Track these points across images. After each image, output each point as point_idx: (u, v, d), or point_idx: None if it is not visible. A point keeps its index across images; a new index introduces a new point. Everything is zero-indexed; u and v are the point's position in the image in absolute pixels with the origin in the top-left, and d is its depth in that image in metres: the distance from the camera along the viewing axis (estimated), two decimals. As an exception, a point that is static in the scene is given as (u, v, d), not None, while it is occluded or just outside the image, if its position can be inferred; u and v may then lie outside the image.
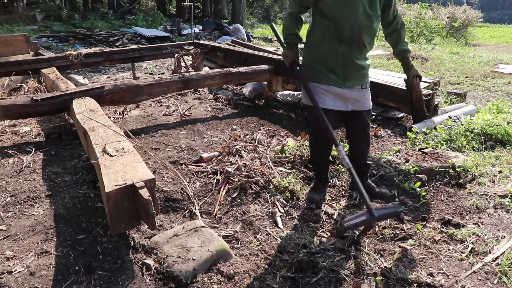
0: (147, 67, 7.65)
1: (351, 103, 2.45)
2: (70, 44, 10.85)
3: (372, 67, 7.17)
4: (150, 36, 12.11)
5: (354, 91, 2.44)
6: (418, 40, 14.27)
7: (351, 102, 2.45)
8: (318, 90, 2.41)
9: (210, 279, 1.76)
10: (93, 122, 2.69)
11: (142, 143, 3.38)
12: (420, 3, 15.31)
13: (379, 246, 2.06)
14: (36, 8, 17.70)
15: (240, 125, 3.96)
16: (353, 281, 1.82)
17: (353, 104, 2.45)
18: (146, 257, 1.92)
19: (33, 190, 2.61)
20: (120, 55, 5.83)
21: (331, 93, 2.42)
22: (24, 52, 6.06)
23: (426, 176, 2.73)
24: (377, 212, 1.98)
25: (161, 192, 2.53)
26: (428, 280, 1.80)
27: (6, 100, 3.32)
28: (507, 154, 3.13)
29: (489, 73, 7.03)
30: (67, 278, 1.78)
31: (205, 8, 25.15)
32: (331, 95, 2.42)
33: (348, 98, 2.43)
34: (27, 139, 3.58)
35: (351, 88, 2.43)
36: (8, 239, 2.08)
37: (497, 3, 68.28)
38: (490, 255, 1.96)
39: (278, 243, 2.07)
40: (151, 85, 3.91)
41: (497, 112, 3.91)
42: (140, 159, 2.08)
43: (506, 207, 2.38)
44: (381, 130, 3.80)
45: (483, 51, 11.64)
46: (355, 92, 2.44)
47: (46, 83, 4.47)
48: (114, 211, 1.82)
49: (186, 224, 2.11)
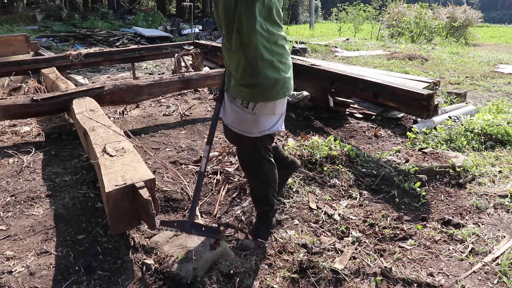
0: (147, 67, 7.65)
1: (227, 114, 1.97)
2: (70, 44, 10.85)
3: (372, 67, 7.16)
4: (150, 36, 12.12)
5: (234, 103, 1.92)
6: (418, 40, 14.27)
7: (227, 114, 1.97)
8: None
9: (210, 279, 1.76)
10: (93, 122, 2.69)
11: (142, 143, 3.38)
12: (420, 3, 15.30)
13: (379, 246, 2.06)
14: (36, 8, 17.71)
15: (240, 125, 3.96)
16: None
17: (226, 117, 1.98)
18: (146, 257, 1.92)
19: (33, 190, 2.61)
20: (120, 55, 5.82)
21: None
22: (24, 52, 6.07)
23: (426, 176, 2.73)
24: (195, 227, 1.90)
25: (161, 192, 2.53)
26: (428, 280, 1.80)
27: (6, 100, 3.32)
28: (507, 154, 3.13)
29: (489, 73, 7.03)
30: (67, 278, 1.78)
31: (205, 8, 25.16)
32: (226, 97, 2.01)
33: (226, 107, 1.98)
34: (27, 139, 3.58)
35: (232, 98, 1.93)
36: (8, 239, 2.08)
37: (497, 3, 68.27)
38: (490, 255, 1.96)
39: (278, 243, 2.07)
40: (151, 85, 3.91)
41: (497, 112, 3.91)
42: (140, 159, 2.08)
43: (506, 207, 2.38)
44: (381, 130, 3.80)
45: (483, 51, 11.63)
46: (234, 104, 1.92)
47: (46, 83, 4.47)
48: (114, 211, 1.82)
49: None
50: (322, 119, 4.19)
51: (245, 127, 1.90)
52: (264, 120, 1.90)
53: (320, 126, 4.01)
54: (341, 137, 3.56)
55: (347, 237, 2.15)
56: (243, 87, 1.84)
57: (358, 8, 18.13)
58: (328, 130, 3.89)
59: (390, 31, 15.76)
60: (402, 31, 15.01)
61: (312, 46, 9.98)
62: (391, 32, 15.69)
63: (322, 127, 4.00)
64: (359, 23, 18.27)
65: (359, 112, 4.35)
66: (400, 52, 9.43)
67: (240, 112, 1.89)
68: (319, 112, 4.36)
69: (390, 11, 16.14)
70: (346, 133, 3.82)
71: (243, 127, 1.91)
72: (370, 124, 4.02)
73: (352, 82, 3.80)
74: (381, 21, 16.94)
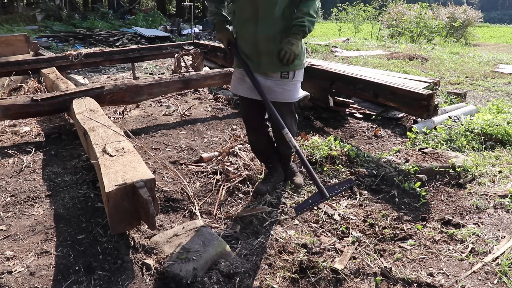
0: (147, 67, 7.65)
1: (266, 92, 2.23)
2: (70, 44, 10.86)
3: (372, 67, 7.16)
4: (150, 36, 12.12)
5: (270, 79, 2.24)
6: (418, 40, 14.27)
7: (266, 91, 2.23)
8: (235, 76, 2.31)
9: (210, 279, 1.76)
10: (93, 122, 2.69)
11: (142, 143, 3.38)
12: (420, 3, 15.30)
13: (379, 246, 2.06)
14: (36, 8, 17.72)
15: (240, 125, 3.96)
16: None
17: (268, 93, 2.23)
18: (146, 257, 1.92)
19: (33, 190, 2.61)
20: (120, 55, 5.82)
21: (245, 80, 2.26)
22: (24, 52, 6.07)
23: (426, 176, 2.73)
24: (329, 190, 2.01)
25: (161, 192, 2.53)
26: (428, 280, 1.80)
27: (6, 100, 3.32)
28: (507, 154, 3.13)
29: (489, 73, 7.03)
30: (67, 278, 1.78)
31: (205, 8, 25.16)
32: (245, 82, 2.27)
33: (262, 86, 2.23)
34: (27, 139, 3.58)
35: (266, 75, 2.24)
36: (8, 239, 2.08)
37: (497, 3, 68.26)
38: (490, 255, 1.96)
39: (279, 243, 2.07)
40: (151, 85, 3.91)
41: (497, 112, 3.91)
42: (140, 159, 2.08)
43: (506, 207, 2.38)
44: (381, 130, 3.80)
45: (483, 51, 11.64)
46: (270, 81, 2.24)
47: (46, 83, 4.47)
48: (114, 211, 1.82)
49: (186, 224, 2.11)
50: (322, 119, 4.19)
51: (288, 95, 2.28)
52: (299, 85, 2.36)
53: (320, 126, 4.01)
54: (341, 137, 3.56)
55: (347, 237, 2.15)
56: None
57: (358, 8, 18.13)
58: (328, 130, 3.89)
59: (390, 31, 15.77)
60: (402, 31, 15.01)
61: (312, 46, 9.98)
62: (391, 32, 15.69)
63: (322, 127, 4.00)
64: (359, 23, 18.27)
65: (359, 112, 4.35)
66: (400, 52, 9.43)
67: (281, 83, 2.24)
68: (319, 112, 4.36)
69: (390, 11, 16.14)
70: (346, 133, 3.82)
71: (286, 96, 2.28)
72: (370, 124, 4.02)
73: (352, 82, 3.80)
74: (381, 21, 16.94)
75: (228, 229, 2.22)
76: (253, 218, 2.30)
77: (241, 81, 2.34)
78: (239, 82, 2.34)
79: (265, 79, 2.24)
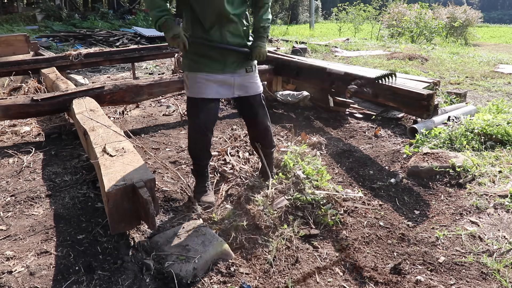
0: (147, 67, 7.65)
1: (236, 89, 2.36)
2: (70, 44, 10.85)
3: (372, 67, 7.16)
4: (150, 36, 12.11)
5: (237, 75, 2.34)
6: (418, 40, 14.27)
7: (238, 89, 2.36)
8: (199, 79, 2.27)
9: (210, 279, 1.76)
10: (93, 122, 2.69)
11: (142, 143, 3.38)
12: (420, 3, 15.31)
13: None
14: (36, 8, 17.73)
15: (240, 125, 3.96)
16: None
17: (239, 90, 2.37)
18: (146, 257, 1.92)
19: (33, 190, 2.61)
20: (120, 55, 5.82)
21: (211, 82, 2.30)
22: (24, 52, 6.06)
23: (426, 176, 2.73)
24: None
25: (161, 192, 2.53)
26: (426, 280, 1.80)
27: (6, 100, 3.32)
28: (507, 154, 3.13)
29: (489, 73, 7.03)
30: (67, 278, 1.78)
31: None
32: (213, 83, 2.30)
33: (232, 83, 2.34)
34: (27, 139, 3.58)
35: (233, 73, 2.33)
36: (8, 239, 2.08)
37: (497, 3, 68.29)
38: (490, 255, 1.96)
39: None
40: (151, 85, 3.91)
41: (497, 112, 3.90)
42: (140, 159, 2.08)
43: (506, 207, 2.38)
44: (381, 130, 3.80)
45: (483, 51, 11.64)
46: (238, 77, 2.34)
47: (46, 83, 4.47)
48: (114, 211, 1.82)
49: (186, 224, 2.11)
50: (322, 119, 4.19)
51: (257, 87, 2.42)
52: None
53: (320, 126, 4.01)
54: (341, 137, 3.55)
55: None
56: (245, 57, 2.33)
57: (358, 8, 18.14)
58: (328, 130, 3.89)
59: (390, 31, 15.77)
60: (402, 31, 15.01)
61: (312, 46, 9.98)
62: (391, 32, 15.70)
63: (322, 127, 4.00)
64: (359, 23, 18.28)
65: (359, 112, 4.36)
66: (400, 52, 9.43)
67: (251, 77, 2.39)
68: (319, 112, 4.36)
69: (390, 11, 16.15)
70: (346, 133, 3.82)
71: (256, 88, 2.41)
72: (370, 124, 4.02)
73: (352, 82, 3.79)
74: (381, 21, 16.95)
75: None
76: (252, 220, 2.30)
77: (207, 82, 2.28)
78: (206, 84, 2.27)
79: (232, 76, 2.33)
